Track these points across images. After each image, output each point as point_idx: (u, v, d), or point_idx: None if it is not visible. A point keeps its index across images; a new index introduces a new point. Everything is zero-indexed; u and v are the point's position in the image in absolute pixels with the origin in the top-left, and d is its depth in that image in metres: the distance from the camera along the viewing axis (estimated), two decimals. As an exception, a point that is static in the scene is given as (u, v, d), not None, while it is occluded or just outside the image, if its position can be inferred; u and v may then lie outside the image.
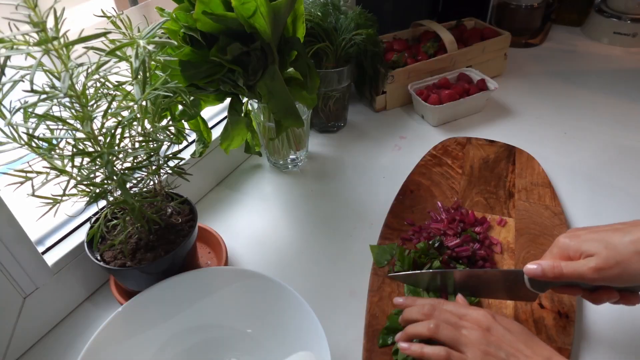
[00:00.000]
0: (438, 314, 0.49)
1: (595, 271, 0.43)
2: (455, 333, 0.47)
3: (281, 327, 0.53)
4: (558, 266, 0.46)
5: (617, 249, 0.43)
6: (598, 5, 1.23)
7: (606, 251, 0.43)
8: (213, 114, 0.86)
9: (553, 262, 0.46)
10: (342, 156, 0.87)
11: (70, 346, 0.57)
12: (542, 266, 0.47)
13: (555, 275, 0.46)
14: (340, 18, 0.84)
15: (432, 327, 0.48)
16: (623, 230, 0.44)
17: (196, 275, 0.56)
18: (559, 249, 0.48)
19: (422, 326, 0.49)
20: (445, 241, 0.63)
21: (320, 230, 0.71)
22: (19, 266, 0.52)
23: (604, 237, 0.44)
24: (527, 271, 0.48)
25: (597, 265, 0.43)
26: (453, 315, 0.48)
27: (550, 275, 0.46)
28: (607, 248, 0.43)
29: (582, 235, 0.47)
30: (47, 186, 0.45)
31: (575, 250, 0.46)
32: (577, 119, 0.93)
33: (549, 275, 0.46)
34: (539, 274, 0.47)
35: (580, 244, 0.46)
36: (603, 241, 0.44)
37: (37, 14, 0.35)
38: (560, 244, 0.48)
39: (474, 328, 0.46)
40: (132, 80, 0.44)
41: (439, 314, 0.49)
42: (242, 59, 0.57)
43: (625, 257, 0.42)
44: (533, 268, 0.47)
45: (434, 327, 0.48)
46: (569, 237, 0.48)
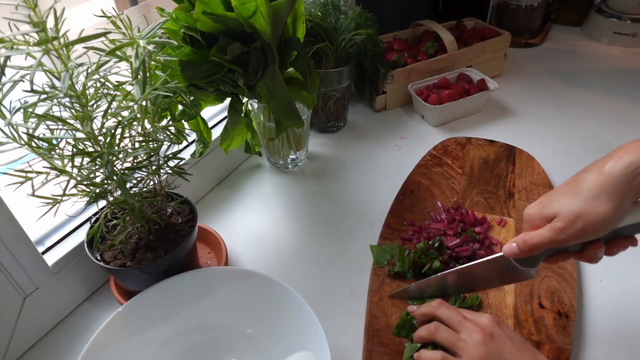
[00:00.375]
0: (445, 313, 0.48)
1: (560, 231, 0.42)
2: (453, 336, 0.46)
3: (281, 327, 0.53)
4: (528, 238, 0.45)
5: (573, 203, 0.42)
6: (598, 5, 1.23)
7: (564, 209, 0.42)
8: (213, 114, 0.86)
9: (524, 236, 0.45)
10: (342, 156, 0.87)
11: (70, 346, 0.57)
12: (516, 242, 0.46)
13: (530, 248, 0.45)
14: (340, 18, 0.84)
15: (431, 328, 0.48)
16: (576, 180, 0.43)
17: (196, 275, 0.56)
18: (527, 222, 0.47)
19: (422, 329, 0.49)
20: (445, 241, 0.63)
21: (320, 230, 0.71)
22: (19, 266, 0.52)
23: (561, 195, 0.44)
24: (506, 252, 0.47)
25: (561, 226, 0.42)
26: (456, 315, 0.47)
27: (524, 249, 0.45)
28: (565, 205, 0.42)
29: (543, 200, 0.45)
30: (47, 186, 0.45)
31: (540, 218, 0.45)
32: (577, 119, 0.93)
33: (525, 250, 0.45)
34: (517, 252, 0.46)
35: (543, 210, 0.45)
36: (559, 200, 0.43)
37: (37, 14, 0.35)
38: (526, 217, 0.47)
39: (475, 331, 0.45)
40: (132, 80, 0.44)
41: (445, 313, 0.48)
42: (242, 59, 0.57)
43: (583, 208, 0.41)
44: (509, 248, 0.47)
45: (433, 328, 0.47)
46: (530, 207, 0.47)
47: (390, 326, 0.55)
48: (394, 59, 0.94)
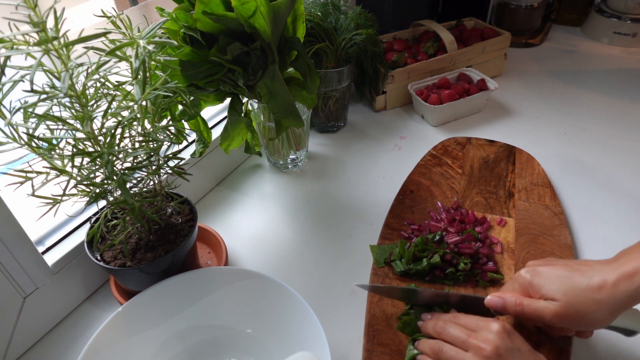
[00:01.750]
0: (447, 332, 0.48)
1: (555, 317, 0.45)
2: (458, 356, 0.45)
3: (281, 327, 0.53)
4: (520, 304, 0.47)
5: (576, 296, 0.43)
6: (598, 5, 1.23)
7: (566, 298, 0.44)
8: (213, 114, 0.86)
9: (516, 299, 0.47)
10: (342, 156, 0.87)
11: (70, 346, 0.57)
12: (505, 300, 0.48)
13: (517, 312, 0.47)
14: (340, 18, 0.84)
15: (435, 348, 0.48)
16: (582, 274, 0.44)
17: (196, 275, 0.56)
18: (520, 285, 0.49)
19: (427, 346, 0.49)
20: (446, 238, 0.63)
21: (320, 230, 0.71)
22: (19, 266, 0.52)
23: (565, 280, 0.45)
24: (488, 303, 0.49)
25: (557, 312, 0.44)
26: (463, 333, 0.47)
27: (511, 311, 0.48)
28: (567, 295, 0.44)
29: (544, 273, 0.47)
30: (47, 186, 0.45)
31: (537, 289, 0.47)
32: (577, 119, 0.93)
33: (510, 311, 0.48)
34: (500, 308, 0.48)
35: (541, 283, 0.46)
36: (563, 285, 0.45)
37: (37, 14, 0.35)
38: (521, 279, 0.49)
39: (480, 350, 0.44)
40: (132, 80, 0.44)
41: (447, 332, 0.48)
42: (242, 59, 0.57)
43: (583, 306, 0.43)
44: (494, 300, 0.49)
45: (437, 349, 0.47)
46: (530, 273, 0.48)
47: (390, 326, 0.55)
48: (394, 59, 0.94)
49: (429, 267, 0.59)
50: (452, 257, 0.60)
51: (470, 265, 0.59)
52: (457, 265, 0.59)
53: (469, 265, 0.59)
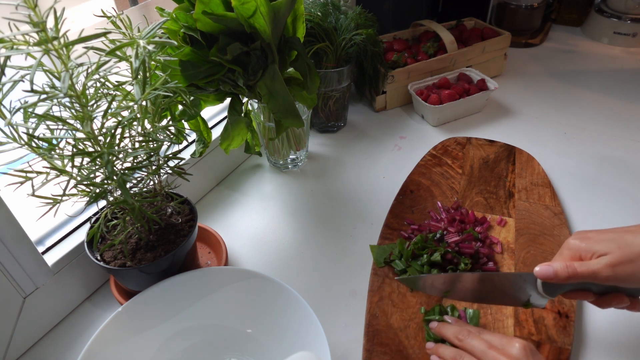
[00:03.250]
0: (468, 342, 0.47)
1: (609, 267, 0.43)
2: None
3: (281, 327, 0.53)
4: (571, 265, 0.45)
5: (630, 247, 0.43)
6: (598, 5, 1.23)
7: (620, 250, 0.43)
8: (213, 114, 0.86)
9: (566, 263, 0.45)
10: (342, 156, 0.87)
11: (70, 346, 0.57)
12: (555, 267, 0.46)
13: (570, 275, 0.45)
14: (340, 18, 0.84)
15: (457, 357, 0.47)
16: (635, 232, 0.44)
17: (196, 275, 0.56)
18: (570, 250, 0.47)
19: (447, 352, 0.49)
20: (446, 237, 0.63)
21: (320, 230, 0.71)
22: (19, 266, 0.52)
23: (616, 237, 0.44)
24: (539, 273, 0.47)
25: (611, 262, 0.43)
26: (484, 345, 0.46)
27: (563, 275, 0.45)
28: (621, 247, 0.43)
29: (593, 236, 0.46)
30: (47, 186, 0.45)
31: (587, 250, 0.45)
32: (577, 119, 0.93)
33: (562, 276, 0.45)
34: (551, 276, 0.46)
35: (592, 244, 0.45)
36: (616, 241, 0.44)
37: (37, 14, 0.35)
38: (570, 245, 0.47)
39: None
40: (132, 80, 0.44)
41: (468, 342, 0.47)
42: (242, 59, 0.57)
43: (638, 256, 0.42)
44: (545, 269, 0.46)
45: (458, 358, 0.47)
46: (579, 238, 0.47)
47: (390, 326, 0.55)
48: (394, 59, 0.94)
49: (429, 264, 0.59)
50: (452, 257, 0.60)
51: (471, 266, 0.59)
52: (457, 265, 0.59)
53: (469, 266, 0.59)
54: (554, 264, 0.46)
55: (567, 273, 0.45)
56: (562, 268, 0.45)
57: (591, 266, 0.44)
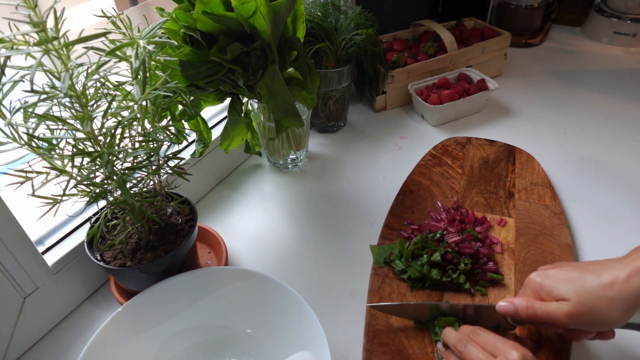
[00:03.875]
0: (467, 352, 0.47)
1: (567, 317, 0.44)
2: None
3: (281, 327, 0.53)
4: (532, 307, 0.46)
5: (588, 294, 0.43)
6: (598, 5, 1.23)
7: (577, 297, 0.43)
8: (213, 114, 0.86)
9: (527, 302, 0.47)
10: (342, 156, 0.87)
11: (70, 346, 0.57)
12: (516, 305, 0.47)
13: (529, 316, 0.46)
14: (340, 18, 0.84)
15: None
16: (593, 272, 0.44)
17: (196, 275, 0.56)
18: (532, 289, 0.48)
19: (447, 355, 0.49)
20: (446, 237, 0.63)
21: (321, 230, 0.71)
22: (19, 266, 0.52)
23: (576, 280, 0.44)
24: (500, 309, 0.49)
25: (569, 312, 0.43)
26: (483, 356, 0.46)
27: (523, 315, 0.47)
28: (579, 294, 0.43)
29: (554, 276, 0.47)
30: (47, 186, 0.45)
31: (548, 292, 0.46)
32: (577, 119, 0.93)
33: (522, 316, 0.47)
34: (511, 313, 0.48)
35: (553, 285, 0.46)
36: (574, 285, 0.44)
37: (37, 14, 0.35)
38: (532, 283, 0.48)
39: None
40: (132, 80, 0.44)
41: (467, 351, 0.47)
42: (242, 59, 0.57)
43: (596, 304, 0.42)
44: (505, 306, 0.48)
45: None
46: (540, 276, 0.48)
47: (390, 326, 0.55)
48: (394, 59, 0.94)
49: (429, 264, 0.59)
50: (452, 257, 0.60)
51: (471, 266, 0.59)
52: (457, 265, 0.59)
53: (469, 266, 0.59)
54: (515, 301, 0.48)
55: (526, 314, 0.47)
56: (522, 308, 0.47)
57: (550, 311, 0.45)
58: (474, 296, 0.58)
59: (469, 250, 0.61)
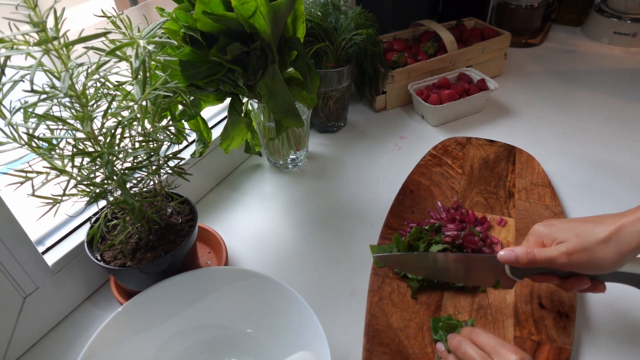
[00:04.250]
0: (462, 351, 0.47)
1: (565, 255, 0.46)
2: None
3: (281, 327, 0.53)
4: (531, 252, 0.48)
5: (586, 236, 0.45)
6: (598, 5, 1.23)
7: (576, 239, 0.46)
8: (213, 114, 0.86)
9: (526, 249, 0.48)
10: (342, 156, 0.87)
11: (70, 346, 0.57)
12: (516, 252, 0.49)
13: (529, 261, 0.48)
14: (340, 18, 0.84)
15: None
16: (594, 222, 0.47)
17: (196, 275, 0.56)
18: (534, 236, 0.50)
19: None
20: (444, 228, 0.63)
21: (321, 230, 0.71)
22: (19, 266, 0.52)
23: (576, 226, 0.47)
24: (501, 257, 0.50)
25: (567, 250, 0.46)
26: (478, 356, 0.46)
27: (524, 260, 0.48)
28: (578, 236, 0.46)
29: (557, 224, 0.49)
30: (47, 186, 0.45)
31: (549, 237, 0.49)
32: (577, 119, 0.93)
33: (522, 261, 0.48)
34: (512, 260, 0.49)
35: (554, 232, 0.48)
36: (574, 230, 0.47)
37: (37, 14, 0.35)
38: (535, 231, 0.50)
39: None
40: (132, 80, 0.44)
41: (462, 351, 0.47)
42: (242, 59, 0.57)
43: (592, 244, 0.45)
44: (507, 254, 0.49)
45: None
46: (543, 225, 0.50)
47: (390, 326, 0.55)
48: (394, 59, 0.94)
49: None
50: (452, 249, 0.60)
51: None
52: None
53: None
54: (516, 249, 0.49)
55: (526, 259, 0.48)
56: (522, 254, 0.48)
57: (549, 253, 0.47)
58: (474, 295, 0.58)
59: (472, 245, 0.61)
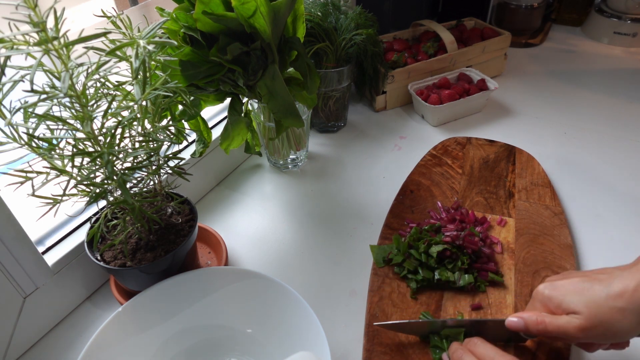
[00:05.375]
0: None
1: (579, 331, 0.42)
2: None
3: (281, 327, 0.53)
4: (542, 322, 0.45)
5: (598, 306, 0.42)
6: (598, 5, 1.23)
7: (588, 310, 0.42)
8: (213, 114, 0.86)
9: (537, 317, 0.45)
10: (342, 156, 0.87)
11: (70, 346, 0.57)
12: (526, 320, 0.46)
13: (539, 332, 0.45)
14: (340, 18, 0.84)
15: None
16: (602, 283, 0.43)
17: (196, 275, 0.56)
18: (540, 301, 0.47)
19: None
20: (443, 229, 0.63)
21: (321, 230, 0.71)
22: (19, 266, 0.52)
23: (584, 291, 0.43)
24: (509, 325, 0.47)
25: (581, 326, 0.42)
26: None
27: (534, 331, 0.45)
28: (589, 306, 0.42)
29: (562, 287, 0.45)
30: (47, 186, 0.45)
31: (557, 304, 0.45)
32: (577, 119, 0.93)
33: (533, 331, 0.46)
34: (522, 329, 0.47)
35: (560, 298, 0.45)
36: (584, 297, 0.43)
37: (37, 14, 0.35)
38: (540, 296, 0.47)
39: None
40: (132, 80, 0.44)
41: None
42: (242, 59, 0.57)
43: (607, 316, 0.41)
44: (515, 322, 0.47)
45: None
46: (548, 288, 0.46)
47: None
48: (394, 59, 0.94)
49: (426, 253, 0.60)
50: (451, 254, 0.60)
51: (468, 265, 0.59)
52: (455, 262, 0.60)
53: (466, 265, 0.59)
54: (525, 316, 0.46)
55: (537, 330, 0.45)
56: (533, 323, 0.45)
57: (561, 325, 0.43)
58: (474, 295, 0.58)
59: (472, 245, 0.61)
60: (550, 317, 0.45)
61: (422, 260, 0.60)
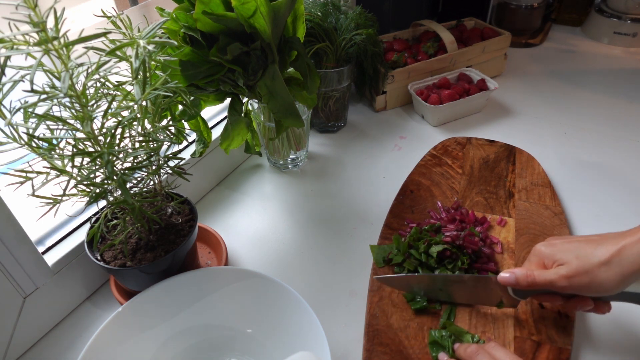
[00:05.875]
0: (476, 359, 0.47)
1: (565, 278, 0.45)
2: None
3: (281, 327, 0.53)
4: (531, 275, 0.47)
5: (586, 259, 0.44)
6: (598, 5, 1.23)
7: (577, 261, 0.45)
8: (213, 114, 0.86)
9: (526, 271, 0.48)
10: (342, 156, 0.87)
11: (70, 346, 0.57)
12: (516, 274, 0.48)
13: (529, 284, 0.48)
14: (340, 18, 0.84)
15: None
16: (595, 242, 0.45)
17: (196, 275, 0.56)
18: (536, 257, 0.50)
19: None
20: (444, 229, 0.63)
21: (321, 230, 0.71)
22: (19, 266, 0.52)
23: (577, 247, 0.46)
24: (501, 279, 0.50)
25: (567, 273, 0.45)
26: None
27: (523, 283, 0.48)
28: (578, 258, 0.45)
29: (558, 244, 0.48)
30: (47, 186, 0.45)
31: (550, 258, 0.48)
32: (577, 119, 0.93)
33: (522, 284, 0.48)
34: (512, 283, 0.49)
35: (555, 252, 0.47)
36: (575, 251, 0.46)
37: (37, 14, 0.35)
38: (537, 252, 0.50)
39: None
40: (132, 80, 0.44)
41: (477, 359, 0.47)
42: (242, 59, 0.57)
43: (593, 267, 0.44)
44: (506, 276, 0.49)
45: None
46: (545, 245, 0.49)
47: (390, 326, 0.55)
48: (394, 59, 0.94)
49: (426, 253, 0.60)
50: (451, 254, 0.60)
51: (467, 265, 0.59)
52: (455, 261, 0.60)
53: (466, 265, 0.59)
54: (516, 271, 0.49)
55: (526, 282, 0.48)
56: (522, 276, 0.48)
57: (548, 276, 0.46)
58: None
59: (472, 245, 0.61)
60: (540, 271, 0.48)
61: (422, 260, 0.60)
